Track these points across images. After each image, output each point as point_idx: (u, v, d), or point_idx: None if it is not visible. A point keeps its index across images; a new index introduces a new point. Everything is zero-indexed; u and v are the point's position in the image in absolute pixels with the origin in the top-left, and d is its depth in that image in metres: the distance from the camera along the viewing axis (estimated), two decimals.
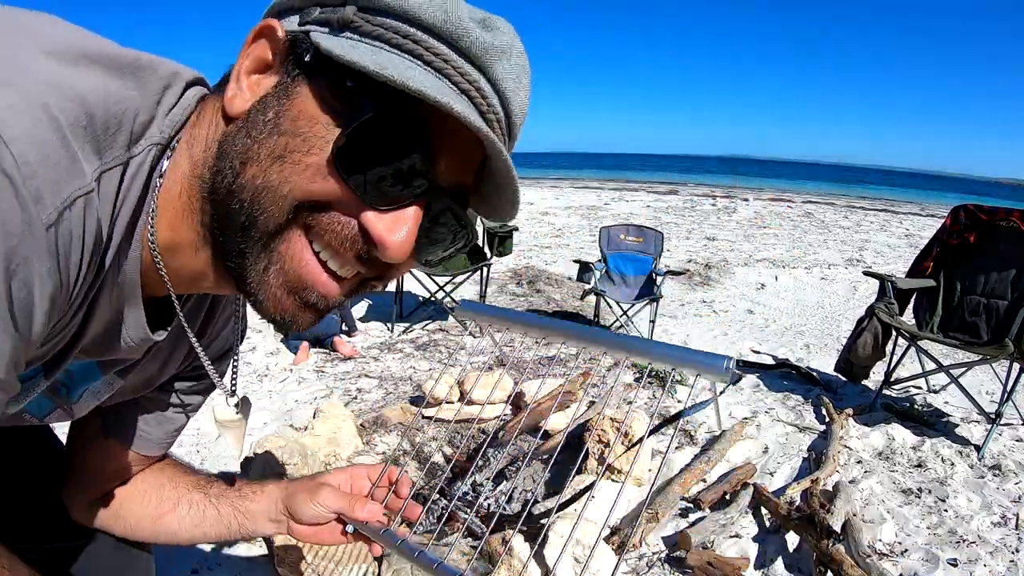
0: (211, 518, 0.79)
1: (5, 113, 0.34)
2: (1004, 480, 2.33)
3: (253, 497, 0.80)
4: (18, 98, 0.35)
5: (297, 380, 3.12)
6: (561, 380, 2.92)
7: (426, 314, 4.17)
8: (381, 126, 0.42)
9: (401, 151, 0.43)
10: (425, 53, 0.42)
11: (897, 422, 2.75)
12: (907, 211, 15.24)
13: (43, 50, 0.39)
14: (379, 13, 0.42)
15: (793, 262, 7.11)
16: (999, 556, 1.88)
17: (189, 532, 0.80)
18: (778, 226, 10.50)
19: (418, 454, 2.33)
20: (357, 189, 0.43)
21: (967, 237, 2.98)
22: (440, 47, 0.42)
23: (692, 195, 15.98)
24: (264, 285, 0.46)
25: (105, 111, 0.40)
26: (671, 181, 23.04)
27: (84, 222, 0.39)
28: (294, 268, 0.46)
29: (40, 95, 0.36)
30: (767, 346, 3.99)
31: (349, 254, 0.46)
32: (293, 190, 0.43)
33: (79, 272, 0.41)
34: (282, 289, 0.46)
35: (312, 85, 0.43)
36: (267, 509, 0.79)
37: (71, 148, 0.38)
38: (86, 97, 0.39)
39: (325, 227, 0.44)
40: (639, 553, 1.81)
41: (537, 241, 7.78)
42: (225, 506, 0.80)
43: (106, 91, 0.41)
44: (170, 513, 0.79)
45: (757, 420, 2.77)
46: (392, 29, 0.42)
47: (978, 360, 2.67)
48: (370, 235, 0.44)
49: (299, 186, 0.43)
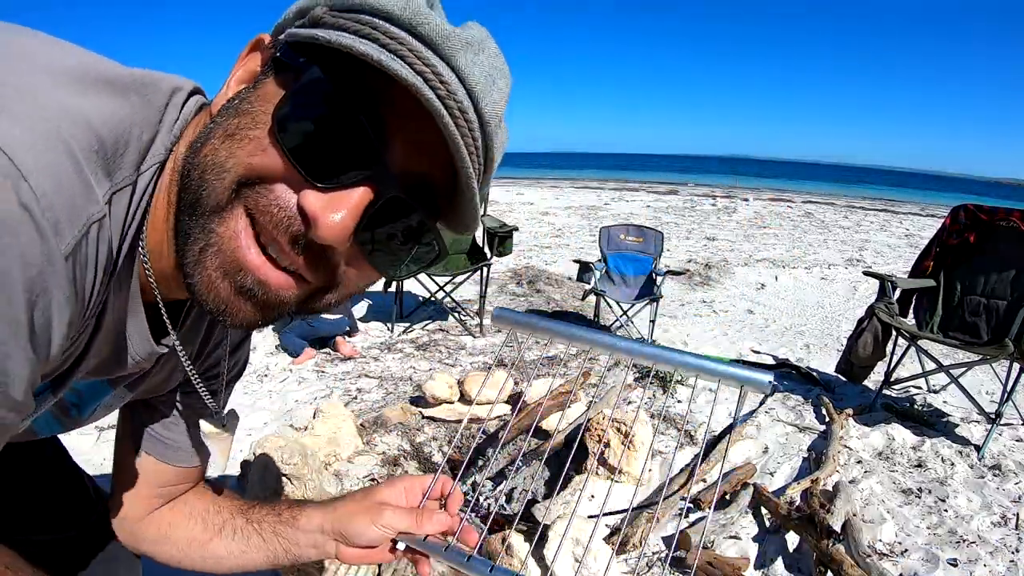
0: (255, 544, 0.77)
1: (19, 145, 0.35)
2: (1004, 480, 2.33)
3: (293, 522, 0.75)
4: (31, 128, 0.36)
5: (297, 380, 3.12)
6: (561, 380, 2.92)
7: (426, 314, 4.17)
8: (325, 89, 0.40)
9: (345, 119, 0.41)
10: (382, 37, 0.40)
11: (897, 422, 2.75)
12: (907, 211, 15.25)
13: (47, 75, 0.39)
14: (346, 9, 0.42)
15: (793, 262, 7.11)
16: (999, 556, 1.88)
17: (236, 559, 0.77)
18: (778, 226, 10.51)
19: (418, 454, 2.33)
20: (297, 160, 0.41)
21: (967, 237, 2.98)
22: (399, 32, 0.40)
23: (692, 195, 15.98)
24: (200, 266, 0.43)
25: (113, 133, 0.41)
26: (671, 181, 23.02)
27: (98, 246, 0.40)
28: (230, 249, 0.43)
29: (52, 124, 0.37)
30: (767, 346, 3.99)
31: (284, 238, 0.43)
32: (236, 164, 0.41)
33: (92, 293, 0.42)
34: (218, 272, 0.43)
35: (276, 75, 0.44)
36: (309, 535, 0.75)
37: (84, 175, 0.38)
38: (95, 122, 0.40)
39: (263, 208, 0.42)
40: (639, 553, 1.81)
41: (537, 241, 7.78)
42: (267, 531, 0.76)
43: (113, 113, 0.41)
44: (216, 538, 0.77)
45: (757, 420, 2.77)
46: (354, 20, 0.41)
47: (978, 360, 2.67)
48: (306, 213, 0.41)
49: (241, 160, 0.41)
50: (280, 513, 0.77)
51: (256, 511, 0.78)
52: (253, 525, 0.77)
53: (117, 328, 0.51)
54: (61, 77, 0.40)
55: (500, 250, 3.85)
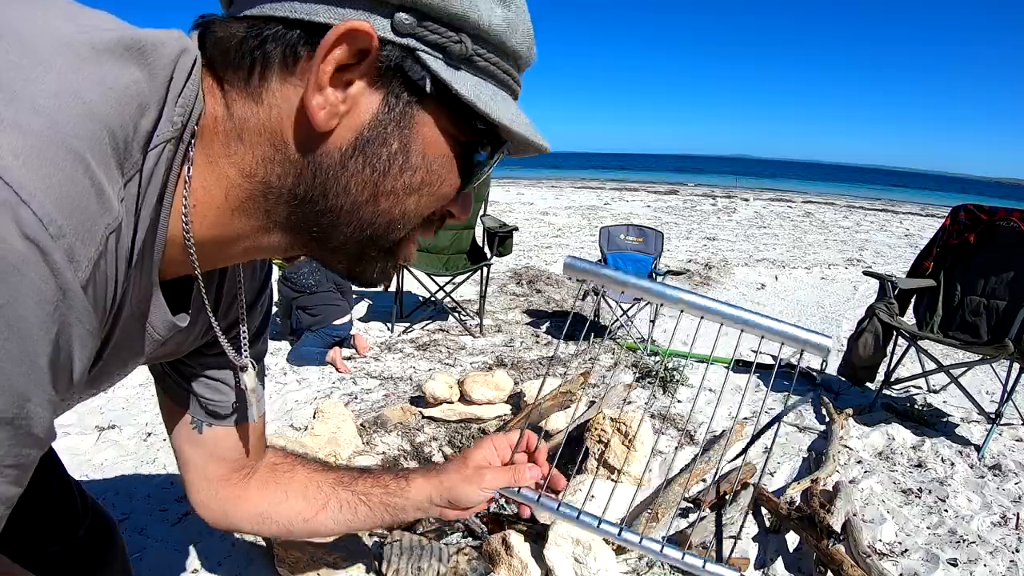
0: (363, 514, 0.82)
1: (12, 158, 0.29)
2: (1004, 480, 2.33)
3: (401, 493, 0.82)
4: (23, 133, 0.30)
5: (297, 380, 3.12)
6: (561, 380, 2.92)
7: (426, 314, 4.17)
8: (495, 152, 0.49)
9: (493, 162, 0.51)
10: (513, 84, 0.48)
11: (897, 422, 2.75)
12: (907, 211, 15.25)
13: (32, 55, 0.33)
14: (491, 49, 0.45)
15: (793, 262, 7.11)
16: (999, 556, 1.88)
17: (343, 527, 0.83)
18: (778, 226, 10.51)
19: (418, 454, 2.33)
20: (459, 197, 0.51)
21: (967, 237, 2.98)
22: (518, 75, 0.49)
23: (692, 195, 15.98)
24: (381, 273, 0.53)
25: (120, 117, 0.36)
26: (671, 181, 23.03)
27: (116, 254, 0.38)
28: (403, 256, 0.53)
29: (49, 121, 0.32)
30: (767, 346, 3.99)
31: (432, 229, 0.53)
32: (425, 211, 0.49)
33: (112, 304, 0.40)
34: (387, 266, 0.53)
35: (433, 116, 0.45)
36: (417, 504, 0.81)
37: (96, 178, 0.34)
38: (100, 108, 0.35)
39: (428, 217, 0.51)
40: (639, 553, 1.81)
41: (537, 241, 7.78)
42: (375, 502, 0.82)
43: (117, 92, 0.36)
44: (322, 512, 0.82)
45: (757, 420, 2.77)
46: (498, 66, 0.46)
47: (978, 360, 2.67)
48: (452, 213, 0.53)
49: (430, 207, 0.49)
50: (387, 485, 0.82)
51: (361, 483, 0.83)
52: (360, 498, 0.82)
53: (139, 320, 0.48)
54: (51, 54, 0.34)
55: (500, 250, 3.85)
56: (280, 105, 0.43)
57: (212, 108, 0.44)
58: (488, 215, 4.11)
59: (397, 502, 0.81)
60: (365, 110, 0.43)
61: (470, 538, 1.71)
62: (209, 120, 0.44)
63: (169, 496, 1.91)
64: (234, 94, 0.44)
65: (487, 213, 4.14)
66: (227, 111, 0.44)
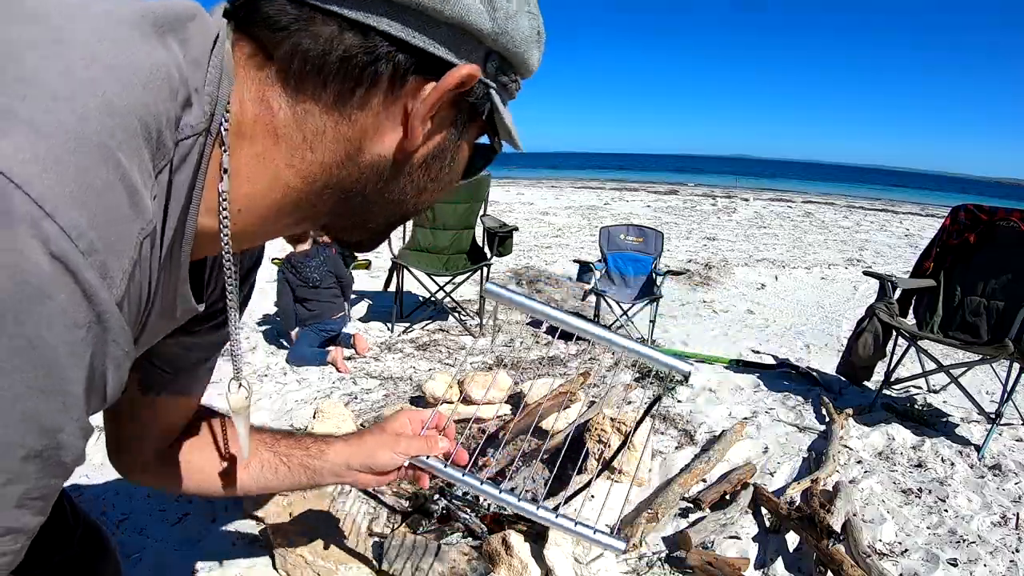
0: (283, 475, 0.84)
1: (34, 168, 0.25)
2: (1004, 480, 2.33)
3: (320, 456, 0.84)
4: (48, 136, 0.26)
5: (297, 380, 3.12)
6: (561, 380, 2.92)
7: (426, 314, 4.17)
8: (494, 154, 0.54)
9: None
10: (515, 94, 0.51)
11: (897, 422, 2.75)
12: (907, 211, 15.25)
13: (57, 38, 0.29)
14: (521, 75, 0.50)
15: (793, 262, 7.11)
16: (999, 556, 1.88)
17: (260, 486, 0.85)
18: (778, 226, 10.51)
19: None
20: None
21: (967, 237, 2.98)
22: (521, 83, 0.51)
23: (692, 195, 15.98)
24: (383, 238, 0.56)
25: (154, 105, 0.32)
26: (671, 181, 23.02)
27: (150, 259, 0.35)
28: None
29: (76, 121, 0.28)
30: (767, 346, 3.99)
31: None
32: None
33: (145, 308, 0.38)
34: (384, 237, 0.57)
35: (474, 132, 0.50)
36: (333, 467, 0.84)
37: (129, 179, 0.30)
38: (130, 97, 0.31)
39: None
40: (639, 553, 1.81)
41: (537, 241, 7.78)
42: (295, 464, 0.84)
43: (152, 75, 0.32)
44: (243, 472, 0.82)
45: (757, 420, 2.77)
46: (518, 85, 0.50)
47: (978, 360, 2.67)
48: None
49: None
50: (308, 448, 0.85)
51: (283, 444, 0.86)
52: (280, 458, 0.84)
53: (163, 317, 0.46)
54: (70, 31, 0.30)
55: (500, 250, 3.85)
56: (368, 122, 0.43)
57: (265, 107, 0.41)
58: (488, 215, 4.11)
59: (316, 464, 0.84)
60: (440, 131, 0.47)
61: (470, 538, 1.71)
62: (262, 116, 0.41)
63: (169, 496, 1.91)
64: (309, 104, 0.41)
65: (487, 213, 4.14)
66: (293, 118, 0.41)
